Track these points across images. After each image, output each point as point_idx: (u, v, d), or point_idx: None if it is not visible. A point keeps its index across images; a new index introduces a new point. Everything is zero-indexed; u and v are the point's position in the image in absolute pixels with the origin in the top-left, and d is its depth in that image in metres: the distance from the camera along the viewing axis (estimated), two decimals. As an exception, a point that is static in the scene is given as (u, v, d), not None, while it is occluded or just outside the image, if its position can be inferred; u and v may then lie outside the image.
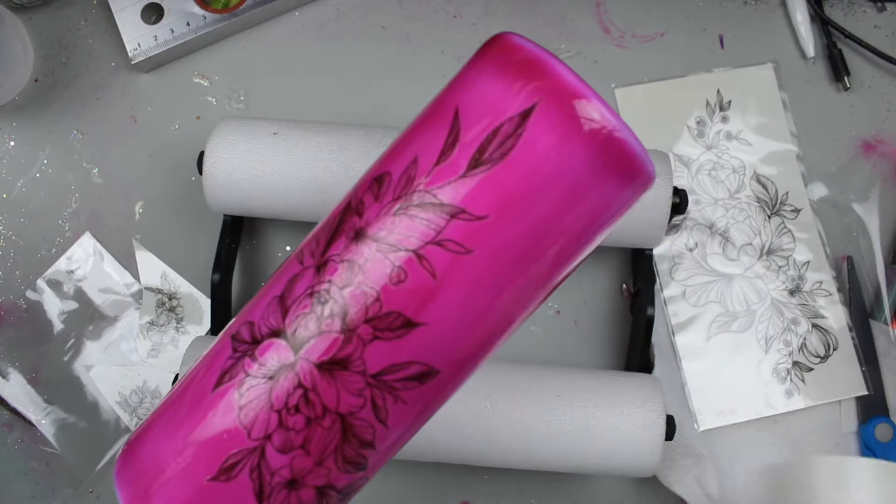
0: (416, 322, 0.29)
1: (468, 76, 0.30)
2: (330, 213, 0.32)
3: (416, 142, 0.30)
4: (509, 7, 0.59)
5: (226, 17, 0.57)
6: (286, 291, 0.31)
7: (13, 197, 0.57)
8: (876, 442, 0.54)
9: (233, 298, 0.56)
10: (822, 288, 0.56)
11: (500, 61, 0.30)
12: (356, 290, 0.29)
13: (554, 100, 0.28)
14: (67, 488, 0.55)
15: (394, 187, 0.30)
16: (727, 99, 0.58)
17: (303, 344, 0.30)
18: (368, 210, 0.30)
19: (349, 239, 0.30)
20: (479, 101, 0.29)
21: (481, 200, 0.29)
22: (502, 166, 0.29)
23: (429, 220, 0.29)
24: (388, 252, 0.29)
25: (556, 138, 0.28)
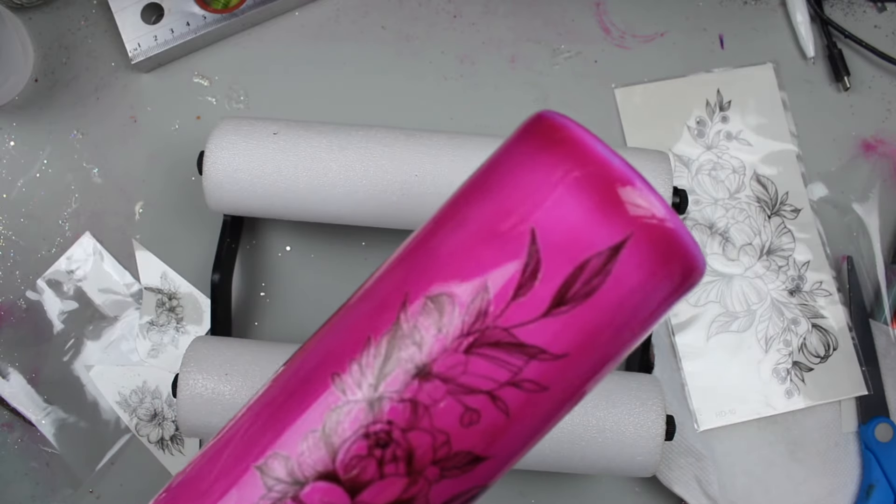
0: (483, 457, 0.28)
1: (533, 182, 0.27)
2: (364, 320, 0.29)
3: (483, 260, 0.27)
4: (509, 7, 0.59)
5: (226, 17, 0.57)
6: (329, 428, 0.28)
7: (13, 197, 0.57)
8: (876, 442, 0.54)
9: (233, 298, 0.56)
10: (822, 288, 0.56)
11: (571, 168, 0.27)
12: (423, 433, 0.27)
13: (647, 234, 0.26)
14: (67, 488, 0.55)
15: (461, 319, 0.27)
16: (727, 99, 0.58)
17: (361, 489, 0.27)
18: (431, 342, 0.27)
19: (409, 375, 0.27)
20: (562, 227, 0.26)
21: (563, 340, 0.27)
22: (588, 305, 0.26)
23: (506, 362, 0.27)
24: (460, 394, 0.27)
25: (646, 273, 0.27)
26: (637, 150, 0.51)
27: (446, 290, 0.27)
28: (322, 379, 0.28)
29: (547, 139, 0.28)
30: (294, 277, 0.57)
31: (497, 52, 0.59)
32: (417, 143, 0.49)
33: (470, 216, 0.28)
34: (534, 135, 0.28)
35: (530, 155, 0.28)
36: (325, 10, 0.59)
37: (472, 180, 0.29)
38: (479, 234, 0.28)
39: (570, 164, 0.27)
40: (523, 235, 0.27)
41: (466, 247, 0.28)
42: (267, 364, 0.48)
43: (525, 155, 0.28)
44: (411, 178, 0.49)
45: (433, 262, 0.28)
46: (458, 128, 0.58)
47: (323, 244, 0.57)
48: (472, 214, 0.28)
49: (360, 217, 0.50)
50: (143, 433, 0.55)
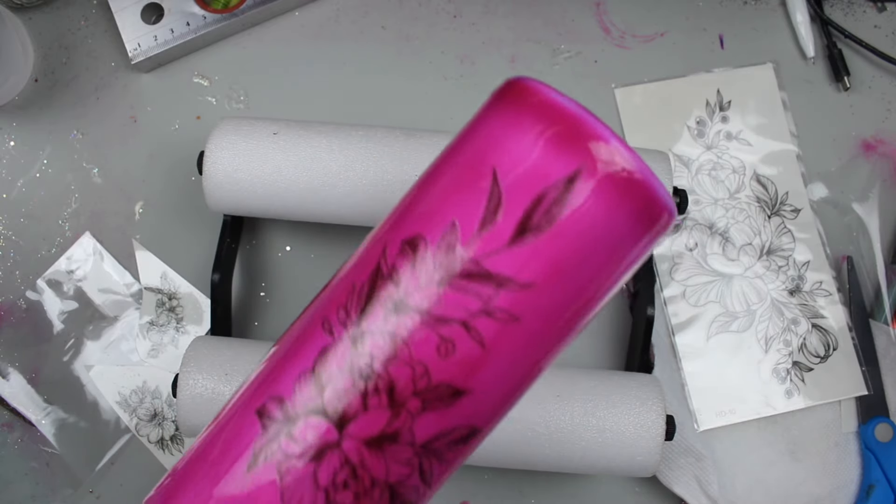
0: (463, 390, 0.29)
1: (501, 134, 0.29)
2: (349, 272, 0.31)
3: (451, 204, 0.29)
4: (509, 7, 0.59)
5: (226, 17, 0.57)
6: (319, 366, 0.29)
7: (13, 197, 0.57)
8: (876, 442, 0.54)
9: (233, 298, 0.56)
10: (822, 288, 0.56)
11: (538, 120, 0.29)
12: (403, 365, 0.29)
13: (599, 164, 0.28)
14: (67, 488, 0.55)
15: (432, 254, 0.29)
16: (727, 99, 0.58)
17: (348, 422, 0.29)
18: (406, 279, 0.29)
19: (387, 310, 0.29)
20: (520, 165, 0.28)
21: (529, 269, 0.28)
22: (550, 234, 0.28)
23: (476, 292, 0.28)
24: (435, 325, 0.28)
25: (602, 203, 0.28)
26: (637, 150, 0.51)
27: (419, 233, 0.29)
28: (314, 327, 0.31)
29: (504, 94, 0.30)
30: (294, 277, 0.57)
31: (497, 52, 0.59)
32: (417, 143, 0.49)
33: (441, 173, 0.31)
34: (495, 96, 0.31)
35: (492, 111, 0.30)
36: (325, 10, 0.59)
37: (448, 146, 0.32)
38: (449, 184, 0.30)
39: (526, 109, 0.29)
40: (486, 177, 0.29)
41: (438, 196, 0.30)
42: (267, 364, 0.48)
43: (488, 112, 0.31)
44: (411, 178, 0.49)
45: (409, 214, 0.30)
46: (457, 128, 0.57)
47: (323, 244, 0.57)
48: (444, 171, 0.30)
49: (360, 217, 0.50)
50: (143, 433, 0.55)
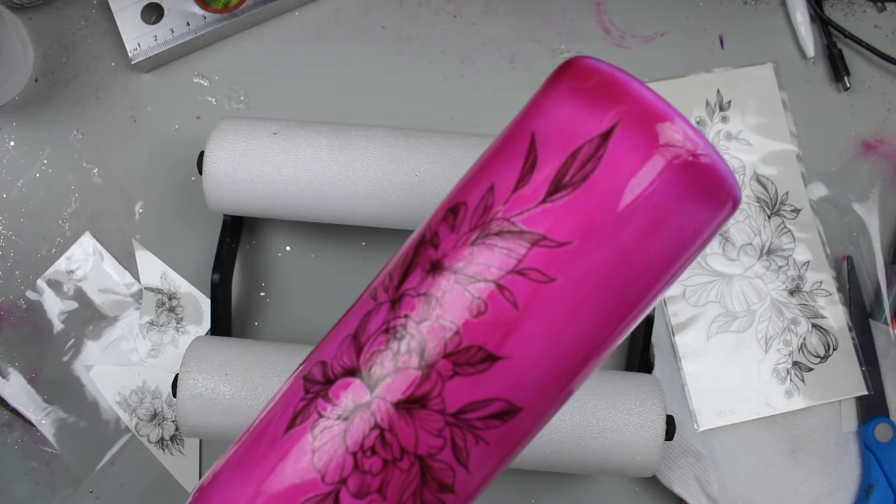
0: (497, 356, 0.28)
1: (543, 101, 0.29)
2: (403, 248, 0.31)
3: (492, 169, 0.29)
4: (509, 7, 0.59)
5: (226, 17, 0.57)
6: (360, 329, 0.30)
7: (13, 197, 0.57)
8: (876, 442, 0.54)
9: (233, 298, 0.56)
10: (822, 288, 0.56)
11: (576, 84, 0.29)
12: (434, 323, 0.28)
13: (634, 120, 0.27)
14: (67, 488, 0.55)
15: (470, 216, 0.29)
16: (727, 99, 0.58)
17: (378, 382, 0.28)
18: (444, 241, 0.29)
19: (425, 272, 0.29)
20: (556, 125, 0.28)
21: (563, 226, 0.27)
22: (583, 190, 0.27)
23: (509, 249, 0.28)
24: (467, 283, 0.28)
25: (638, 160, 0.27)
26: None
27: (461, 199, 0.30)
28: (364, 296, 0.31)
29: (554, 73, 0.31)
30: (294, 277, 0.57)
31: (497, 52, 0.59)
32: (417, 143, 0.49)
33: (491, 147, 0.31)
34: (547, 79, 0.31)
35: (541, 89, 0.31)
36: (325, 10, 0.59)
37: None
38: (492, 154, 0.30)
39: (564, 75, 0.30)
40: (524, 140, 0.29)
41: (481, 166, 0.30)
42: (267, 364, 0.48)
43: (538, 92, 0.31)
44: (411, 178, 0.49)
45: (456, 188, 0.31)
46: (458, 128, 0.58)
47: (323, 244, 0.57)
48: (493, 145, 0.31)
49: (360, 217, 0.50)
50: (143, 433, 0.55)
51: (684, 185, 0.27)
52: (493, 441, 0.29)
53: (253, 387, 0.47)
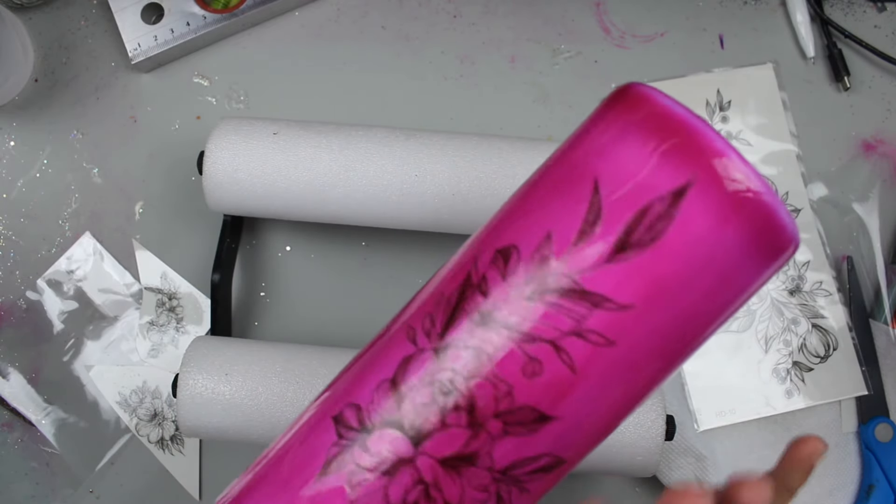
0: (550, 416, 0.27)
1: (602, 139, 0.27)
2: (440, 282, 0.29)
3: (548, 213, 0.27)
4: (509, 7, 0.59)
5: (226, 17, 0.57)
6: (399, 376, 0.28)
7: (13, 197, 0.57)
8: (876, 442, 0.54)
9: (233, 298, 0.56)
10: (822, 288, 0.56)
11: (643, 125, 0.26)
12: (485, 381, 0.27)
13: (711, 179, 0.25)
14: (67, 488, 0.55)
15: (524, 266, 0.27)
16: (727, 99, 0.58)
17: (424, 438, 0.27)
18: (495, 290, 0.27)
19: (474, 323, 0.27)
20: (623, 174, 0.26)
21: (628, 288, 0.26)
22: (651, 251, 0.26)
23: (569, 309, 0.26)
24: (523, 342, 0.26)
25: (711, 222, 0.25)
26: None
27: (513, 242, 0.27)
28: (399, 335, 0.29)
29: (609, 101, 0.28)
30: (294, 277, 0.57)
31: (497, 52, 0.59)
32: (417, 143, 0.49)
33: (542, 181, 0.28)
34: (604, 103, 0.29)
35: (598, 118, 0.28)
36: (325, 10, 0.59)
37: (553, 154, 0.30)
38: (547, 193, 0.28)
39: (630, 112, 0.27)
40: (586, 186, 0.27)
41: (535, 205, 0.28)
42: (267, 364, 0.48)
43: (594, 120, 0.28)
44: (411, 178, 0.49)
45: (505, 223, 0.29)
46: (458, 128, 0.58)
47: (323, 244, 0.57)
48: (544, 179, 0.28)
49: (360, 217, 0.50)
50: (143, 433, 0.55)
51: (755, 245, 0.26)
52: (535, 489, 0.29)
53: (253, 387, 0.47)
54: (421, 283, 0.56)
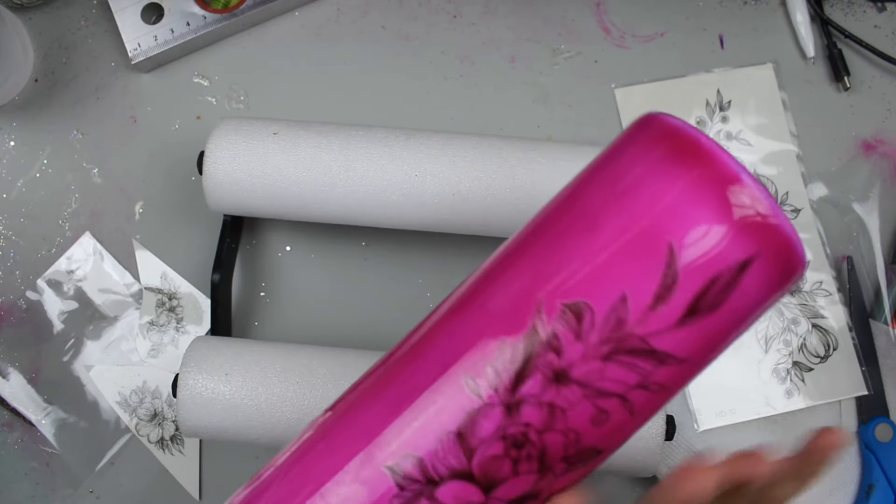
0: (602, 449, 0.30)
1: (671, 198, 0.28)
2: (493, 323, 0.29)
3: (621, 273, 0.28)
4: (509, 7, 0.59)
5: (226, 17, 0.57)
6: (466, 429, 0.29)
7: (13, 197, 0.57)
8: (876, 442, 0.54)
9: (233, 298, 0.56)
10: (822, 288, 0.56)
11: (710, 187, 0.28)
12: (557, 434, 0.28)
13: (774, 254, 0.28)
14: (67, 488, 0.55)
15: (600, 327, 0.28)
16: (727, 99, 0.58)
17: (495, 486, 0.29)
18: (569, 349, 0.28)
19: (547, 379, 0.28)
20: (698, 243, 0.27)
21: (688, 346, 0.28)
22: (716, 315, 0.28)
23: (639, 367, 0.28)
24: (595, 398, 0.28)
25: (768, 289, 0.28)
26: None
27: (584, 299, 0.28)
28: (453, 381, 0.29)
29: (675, 149, 0.29)
30: (294, 277, 0.57)
31: (497, 52, 0.59)
32: (417, 143, 0.49)
33: (601, 224, 0.29)
34: (657, 141, 0.29)
35: (659, 164, 0.28)
36: (325, 10, 0.59)
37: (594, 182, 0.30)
38: (615, 245, 0.28)
39: (694, 167, 0.28)
40: (661, 251, 0.28)
41: (602, 256, 0.28)
42: (267, 364, 0.48)
43: (654, 163, 0.29)
44: (411, 178, 0.49)
45: (565, 268, 0.29)
46: (458, 128, 0.58)
47: (323, 244, 0.57)
48: (604, 223, 0.29)
49: (360, 217, 0.50)
50: (143, 433, 0.55)
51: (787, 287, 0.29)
52: None
53: (253, 387, 0.47)
54: (422, 283, 0.56)
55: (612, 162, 0.30)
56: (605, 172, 0.30)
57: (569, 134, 0.58)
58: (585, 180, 0.30)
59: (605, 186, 0.29)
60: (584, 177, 0.31)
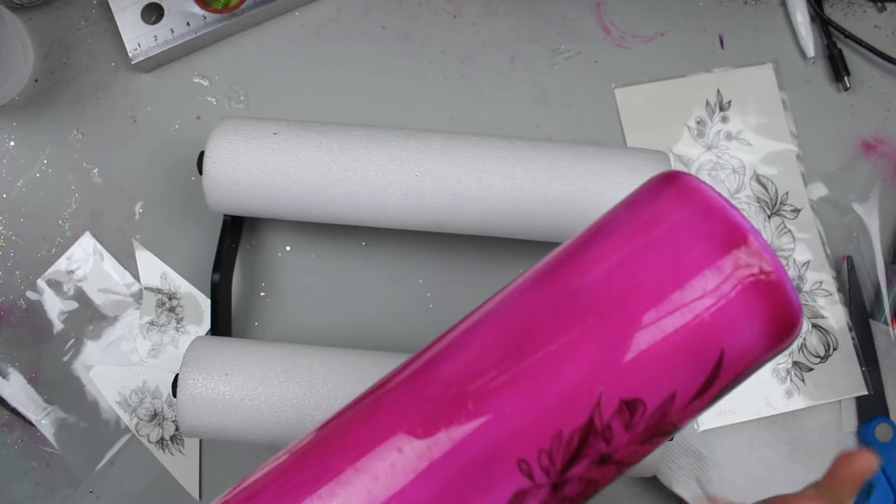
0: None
1: (734, 315, 0.30)
2: (542, 408, 0.31)
3: (674, 373, 0.30)
4: (509, 7, 0.59)
5: (226, 17, 0.57)
6: None
7: (13, 197, 0.57)
8: (876, 442, 0.54)
9: (233, 298, 0.56)
10: (822, 288, 0.56)
11: (770, 311, 0.30)
12: (587, 495, 0.32)
13: (789, 333, 0.31)
14: (67, 488, 0.55)
15: (647, 419, 0.30)
16: (727, 99, 0.58)
17: None
18: (618, 438, 0.30)
19: (592, 462, 0.31)
20: (743, 349, 0.30)
21: (697, 415, 0.32)
22: (727, 391, 0.31)
23: (659, 441, 0.31)
24: (623, 467, 0.31)
25: (771, 357, 0.31)
26: (637, 151, 0.51)
27: (641, 397, 0.30)
28: (506, 462, 0.30)
29: (723, 240, 0.30)
30: (294, 277, 0.57)
31: (497, 52, 0.59)
32: (417, 143, 0.49)
33: (661, 326, 0.30)
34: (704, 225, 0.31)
35: (711, 257, 0.30)
36: (325, 10, 0.59)
37: (651, 268, 0.31)
38: (674, 346, 0.30)
39: (767, 302, 0.30)
40: (712, 354, 0.30)
41: (662, 359, 0.30)
42: (267, 364, 0.48)
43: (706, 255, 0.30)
44: (411, 178, 0.49)
45: (625, 365, 0.30)
46: (458, 128, 0.58)
47: (323, 244, 0.57)
48: (664, 324, 0.30)
49: (360, 217, 0.50)
50: (143, 433, 0.55)
51: (781, 346, 0.32)
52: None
53: (253, 387, 0.47)
54: (422, 283, 0.56)
55: (669, 245, 0.31)
56: (661, 257, 0.31)
57: (569, 134, 0.58)
58: (645, 264, 0.31)
59: (664, 279, 0.31)
60: (642, 259, 0.31)
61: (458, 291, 0.56)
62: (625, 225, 0.32)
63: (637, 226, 0.32)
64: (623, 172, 0.49)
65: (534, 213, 0.49)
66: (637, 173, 0.49)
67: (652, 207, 0.32)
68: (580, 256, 0.32)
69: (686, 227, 0.31)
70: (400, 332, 0.56)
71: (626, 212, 0.33)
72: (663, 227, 0.31)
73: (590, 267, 0.32)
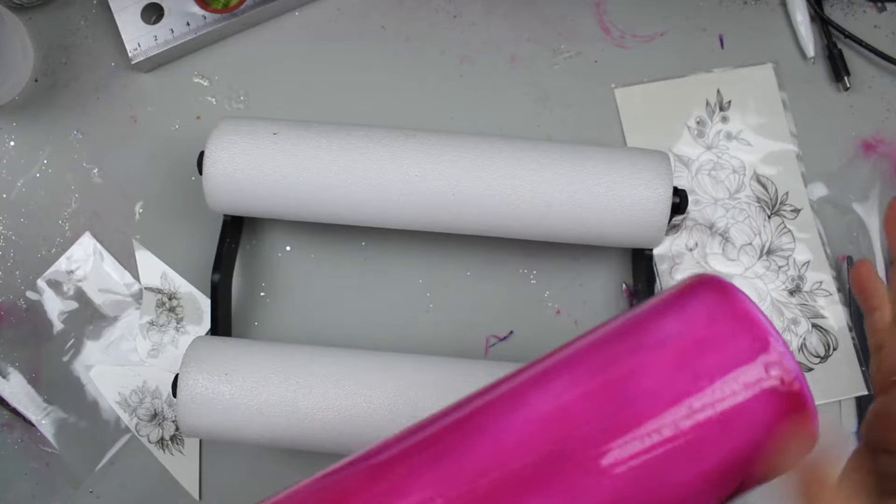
0: None
1: (766, 449, 0.34)
2: None
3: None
4: (509, 7, 0.59)
5: (226, 17, 0.57)
6: None
7: (13, 197, 0.57)
8: (876, 442, 0.54)
9: (233, 298, 0.56)
10: (822, 288, 0.56)
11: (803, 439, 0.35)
12: None
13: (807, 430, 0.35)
14: (67, 488, 0.55)
15: None
16: (727, 99, 0.58)
17: None
18: None
19: None
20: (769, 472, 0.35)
21: None
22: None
23: None
24: None
25: None
26: (637, 150, 0.51)
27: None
28: None
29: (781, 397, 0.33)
30: (294, 277, 0.57)
31: (497, 52, 0.59)
32: (417, 143, 0.49)
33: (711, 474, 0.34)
34: (748, 354, 0.33)
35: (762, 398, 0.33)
36: (325, 10, 0.59)
37: (698, 396, 0.33)
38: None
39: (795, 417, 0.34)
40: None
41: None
42: (267, 364, 0.48)
43: (758, 400, 0.33)
44: (411, 178, 0.49)
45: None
46: (458, 128, 0.58)
47: (323, 244, 0.57)
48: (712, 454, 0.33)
49: (360, 217, 0.50)
50: (143, 433, 0.55)
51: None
52: None
53: (253, 387, 0.47)
54: (422, 283, 0.56)
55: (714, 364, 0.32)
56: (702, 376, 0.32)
57: (569, 134, 0.58)
58: (692, 397, 0.32)
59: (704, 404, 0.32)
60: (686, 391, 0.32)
61: (458, 291, 0.56)
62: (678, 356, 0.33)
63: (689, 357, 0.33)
64: (623, 172, 0.49)
65: (534, 213, 0.49)
66: (637, 173, 0.49)
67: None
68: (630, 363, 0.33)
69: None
70: (400, 332, 0.56)
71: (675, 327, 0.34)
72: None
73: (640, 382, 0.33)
